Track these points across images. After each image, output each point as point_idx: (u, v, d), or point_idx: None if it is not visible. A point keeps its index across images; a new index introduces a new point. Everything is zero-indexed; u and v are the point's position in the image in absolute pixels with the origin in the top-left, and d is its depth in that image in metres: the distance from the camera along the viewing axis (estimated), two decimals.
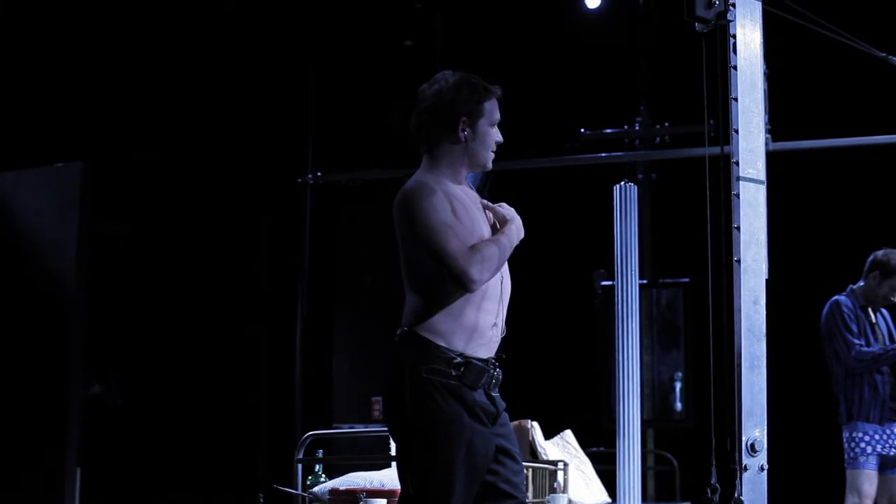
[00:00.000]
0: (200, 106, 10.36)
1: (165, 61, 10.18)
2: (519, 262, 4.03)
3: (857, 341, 6.91)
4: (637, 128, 10.69)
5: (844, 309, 7.01)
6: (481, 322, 3.85)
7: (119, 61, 9.93)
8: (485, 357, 3.85)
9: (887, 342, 7.07)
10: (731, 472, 3.88)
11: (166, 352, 10.52)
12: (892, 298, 7.08)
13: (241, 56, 10.43)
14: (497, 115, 4.04)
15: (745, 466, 3.82)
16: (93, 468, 8.41)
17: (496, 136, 4.04)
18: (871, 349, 6.94)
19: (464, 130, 3.97)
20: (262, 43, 10.46)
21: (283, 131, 10.66)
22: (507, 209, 4.01)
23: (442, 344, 3.80)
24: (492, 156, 4.05)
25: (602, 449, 8.26)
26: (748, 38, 4.09)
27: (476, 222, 3.90)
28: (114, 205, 9.54)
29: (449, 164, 4.00)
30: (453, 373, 3.78)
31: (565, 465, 5.68)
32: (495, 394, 3.88)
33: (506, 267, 3.97)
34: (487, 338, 3.87)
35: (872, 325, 7.07)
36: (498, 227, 3.95)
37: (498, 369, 3.89)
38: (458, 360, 3.79)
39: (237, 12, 10.30)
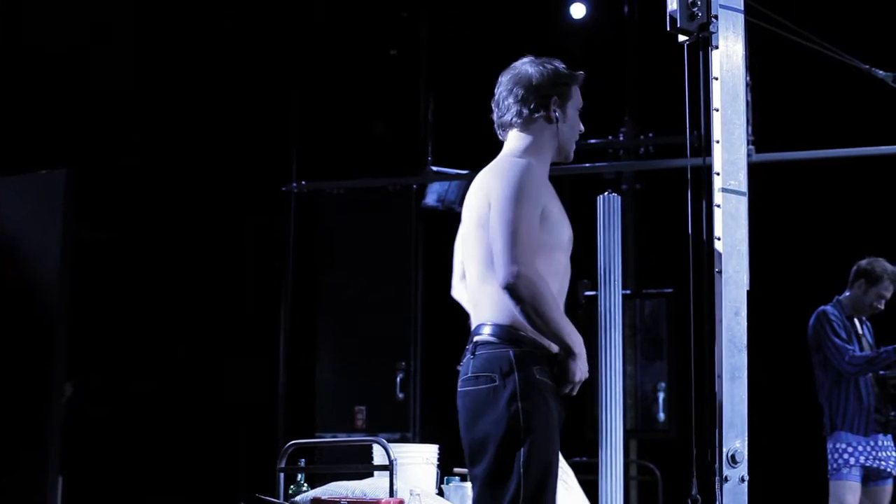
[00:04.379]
0: (184, 113, 10.35)
1: (150, 69, 10.17)
2: None
3: (849, 347, 6.93)
4: (621, 138, 10.70)
5: (832, 317, 7.03)
6: None
7: (102, 68, 9.91)
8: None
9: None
10: (712, 483, 3.88)
11: (149, 359, 10.50)
12: (878, 306, 7.11)
13: (225, 64, 10.42)
14: (581, 101, 4.02)
15: (726, 478, 3.82)
16: (74, 477, 8.40)
17: (580, 124, 4.01)
18: (864, 353, 6.95)
19: (555, 111, 3.91)
20: (247, 51, 10.46)
21: (268, 139, 10.65)
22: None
23: (543, 342, 3.71)
24: (574, 146, 3.99)
25: (584, 459, 8.25)
26: (731, 49, 4.10)
27: (560, 222, 3.83)
28: (98, 212, 9.52)
29: (538, 147, 3.92)
30: (550, 370, 3.72)
31: None
32: None
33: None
34: None
35: (859, 336, 7.08)
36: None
37: None
38: (555, 358, 3.72)
39: (222, 21, 10.30)
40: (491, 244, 3.68)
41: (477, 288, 3.78)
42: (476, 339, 3.73)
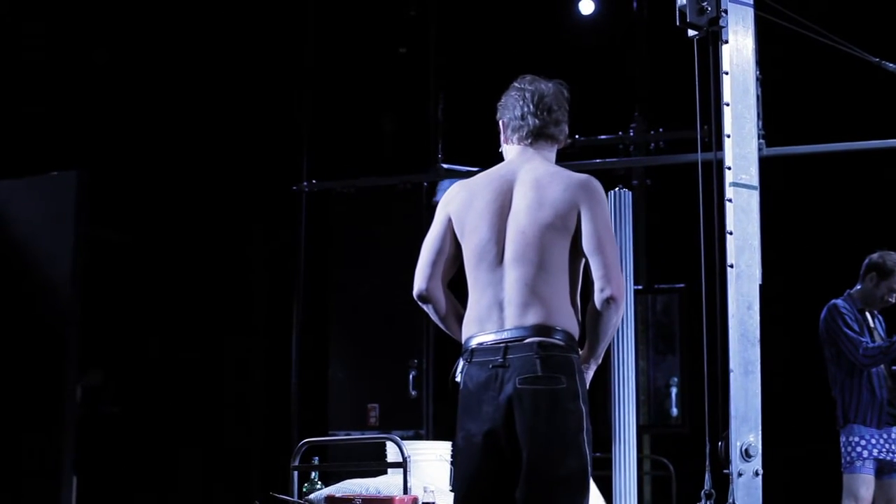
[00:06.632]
0: (195, 114, 10.37)
1: (159, 70, 10.18)
2: None
3: (862, 339, 6.92)
4: (631, 133, 10.67)
5: (843, 310, 7.03)
6: None
7: (113, 70, 9.93)
8: None
9: None
10: (726, 477, 3.88)
11: (162, 358, 10.52)
12: (890, 300, 7.11)
13: (235, 63, 10.43)
14: None
15: (740, 472, 3.83)
16: (89, 476, 8.42)
17: None
18: (877, 344, 6.95)
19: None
20: (257, 49, 10.47)
21: (278, 139, 10.66)
22: None
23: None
24: None
25: (598, 454, 8.23)
26: (740, 43, 4.10)
27: None
28: (109, 213, 9.54)
29: None
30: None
31: None
32: None
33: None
34: None
35: (870, 330, 7.08)
36: None
37: None
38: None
39: (231, 20, 10.31)
40: (593, 255, 3.82)
41: (529, 287, 3.81)
42: (541, 340, 3.78)
